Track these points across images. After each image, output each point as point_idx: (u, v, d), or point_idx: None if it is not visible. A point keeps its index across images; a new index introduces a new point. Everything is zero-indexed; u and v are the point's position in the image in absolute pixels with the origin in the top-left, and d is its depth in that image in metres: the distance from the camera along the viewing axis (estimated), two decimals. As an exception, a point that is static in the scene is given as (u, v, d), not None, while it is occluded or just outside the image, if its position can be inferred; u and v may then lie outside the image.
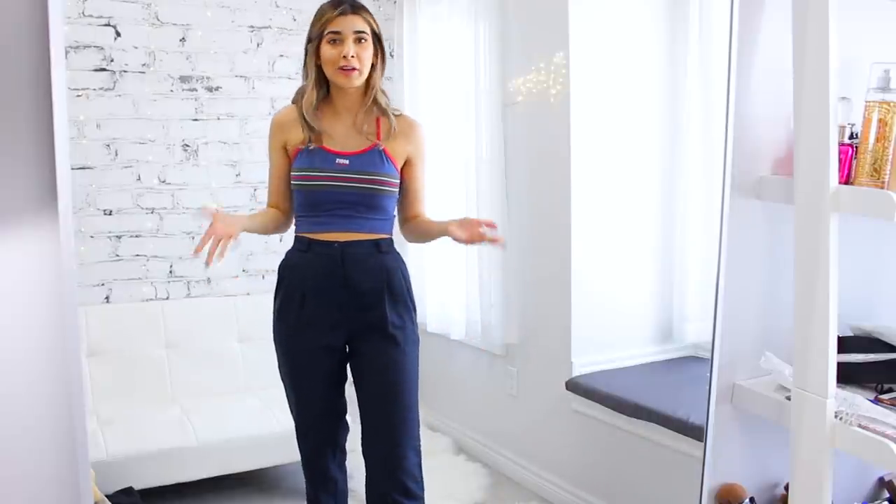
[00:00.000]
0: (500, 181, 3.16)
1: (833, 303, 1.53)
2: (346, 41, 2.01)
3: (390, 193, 2.11)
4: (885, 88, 1.51)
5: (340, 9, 2.02)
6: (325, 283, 2.07)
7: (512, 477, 3.27)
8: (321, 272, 2.07)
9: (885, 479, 1.92)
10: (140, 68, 3.32)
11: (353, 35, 2.02)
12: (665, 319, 3.05)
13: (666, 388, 2.72)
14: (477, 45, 3.20)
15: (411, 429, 2.14)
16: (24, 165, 1.21)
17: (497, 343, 3.27)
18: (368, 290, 2.08)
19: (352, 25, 2.02)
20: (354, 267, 2.06)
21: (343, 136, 2.10)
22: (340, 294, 2.07)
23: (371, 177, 2.06)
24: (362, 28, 2.03)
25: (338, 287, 2.07)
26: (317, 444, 2.23)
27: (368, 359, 2.13)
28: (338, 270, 2.06)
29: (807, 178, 1.56)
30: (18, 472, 1.25)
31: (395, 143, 2.11)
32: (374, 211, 2.08)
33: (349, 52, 2.01)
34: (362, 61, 2.04)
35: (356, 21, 2.03)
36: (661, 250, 3.02)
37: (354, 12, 2.03)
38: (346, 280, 2.06)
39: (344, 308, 2.08)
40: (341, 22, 2.01)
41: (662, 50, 2.96)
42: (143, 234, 3.40)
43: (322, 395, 2.18)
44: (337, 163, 2.07)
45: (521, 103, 3.09)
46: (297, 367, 2.15)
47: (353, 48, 2.01)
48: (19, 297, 1.23)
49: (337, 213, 2.07)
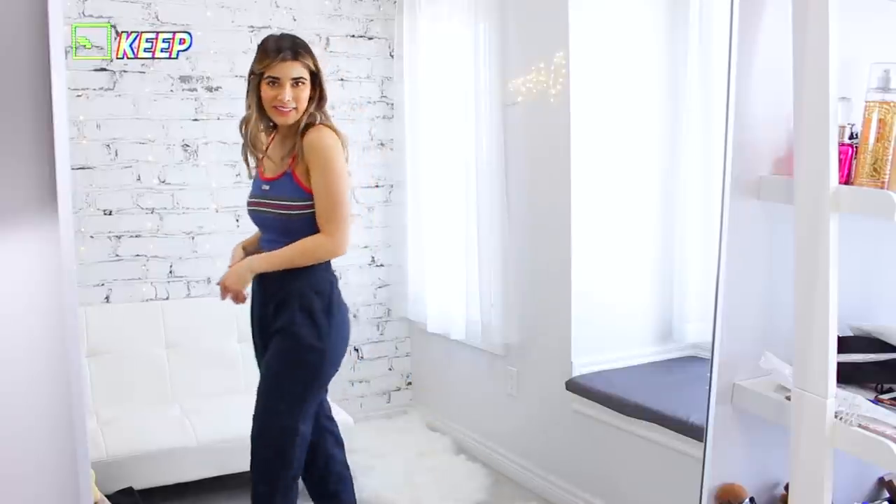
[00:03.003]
0: (500, 181, 3.16)
1: (833, 303, 1.52)
2: (284, 86, 2.17)
3: (300, 216, 2.21)
4: (885, 88, 1.51)
5: (281, 55, 2.16)
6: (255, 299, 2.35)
7: (512, 477, 3.27)
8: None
9: (885, 479, 1.92)
10: (140, 68, 3.32)
11: (290, 80, 2.17)
12: (665, 319, 3.05)
13: (666, 388, 2.72)
14: (477, 45, 3.20)
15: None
16: (24, 165, 1.20)
17: (497, 343, 3.26)
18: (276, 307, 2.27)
19: (289, 72, 2.17)
20: (268, 288, 2.29)
21: (273, 162, 2.27)
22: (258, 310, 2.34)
23: (279, 202, 2.22)
24: (299, 74, 2.18)
25: (257, 304, 2.34)
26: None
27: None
28: (258, 289, 2.32)
29: (807, 178, 1.55)
30: (18, 472, 1.25)
31: (301, 164, 2.22)
32: (287, 234, 2.22)
33: (286, 97, 2.17)
34: (299, 101, 2.20)
35: (294, 67, 2.17)
36: (661, 250, 3.02)
37: (294, 58, 2.17)
38: (263, 297, 2.30)
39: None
40: (279, 68, 2.16)
41: (662, 50, 2.97)
42: (143, 234, 3.40)
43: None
44: (262, 189, 2.27)
45: (521, 103, 3.09)
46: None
47: (289, 93, 2.17)
48: (19, 297, 1.23)
49: (266, 236, 2.30)
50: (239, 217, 3.55)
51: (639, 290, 3.01)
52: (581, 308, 2.91)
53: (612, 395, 2.71)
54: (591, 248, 2.91)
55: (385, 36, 3.83)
